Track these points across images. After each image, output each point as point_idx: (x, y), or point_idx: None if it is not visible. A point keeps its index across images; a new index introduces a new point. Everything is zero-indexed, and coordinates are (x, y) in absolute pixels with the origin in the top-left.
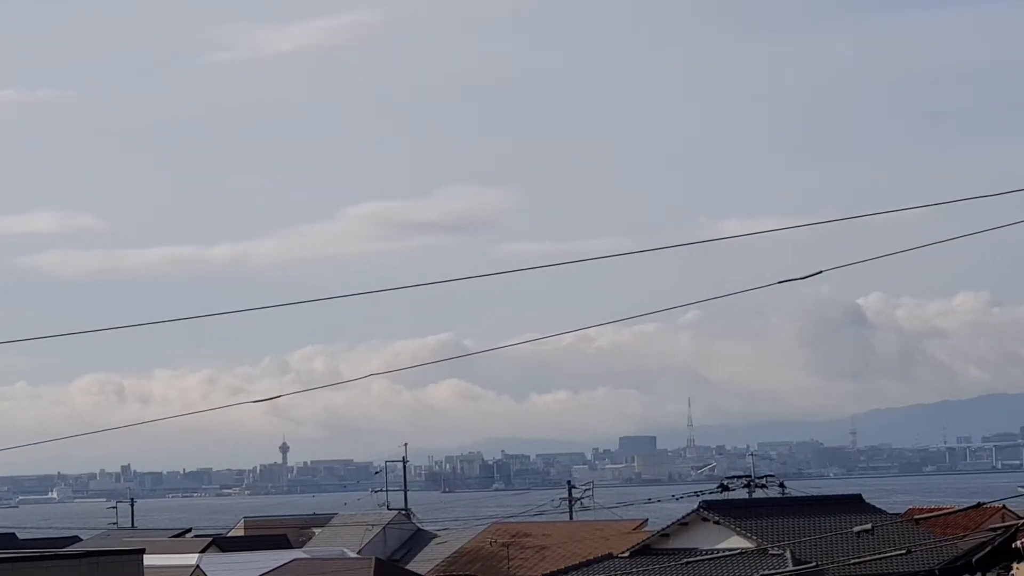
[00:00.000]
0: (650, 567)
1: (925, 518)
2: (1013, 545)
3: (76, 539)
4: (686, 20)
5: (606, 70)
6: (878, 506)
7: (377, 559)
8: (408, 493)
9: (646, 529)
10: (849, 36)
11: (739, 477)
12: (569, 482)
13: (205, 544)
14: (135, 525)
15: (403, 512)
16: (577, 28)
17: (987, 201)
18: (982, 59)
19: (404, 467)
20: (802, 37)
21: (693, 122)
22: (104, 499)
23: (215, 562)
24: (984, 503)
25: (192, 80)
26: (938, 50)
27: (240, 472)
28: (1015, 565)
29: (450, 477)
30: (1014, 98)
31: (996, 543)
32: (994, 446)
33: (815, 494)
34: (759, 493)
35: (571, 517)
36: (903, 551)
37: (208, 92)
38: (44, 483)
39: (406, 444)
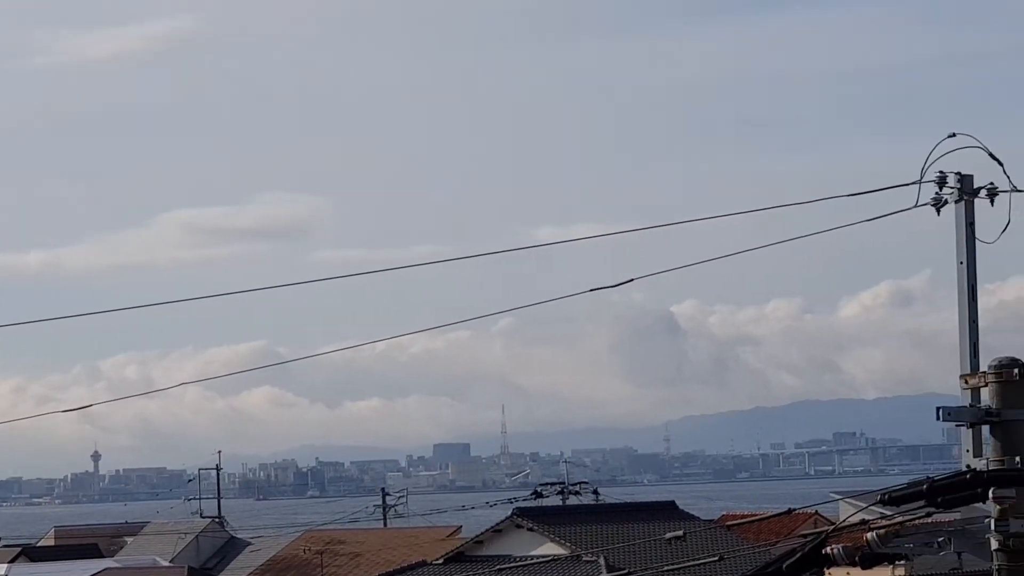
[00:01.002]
0: (464, 574)
1: (738, 524)
2: (824, 551)
3: None
4: (503, 26)
5: (423, 77)
6: (692, 512)
7: (189, 567)
8: (221, 501)
9: (460, 536)
10: (666, 42)
11: (553, 484)
12: (383, 489)
13: (14, 555)
14: None
15: (216, 520)
16: (394, 36)
17: (799, 208)
18: (799, 68)
19: (218, 475)
20: (618, 43)
21: (509, 128)
22: None
23: (24, 572)
24: (795, 509)
25: (4, 84)
26: (754, 57)
27: (51, 481)
28: (827, 571)
29: (264, 485)
30: (826, 108)
31: (807, 549)
32: (807, 452)
33: (629, 501)
34: (573, 500)
35: (385, 524)
36: (715, 557)
37: (21, 96)
38: None
39: (220, 452)
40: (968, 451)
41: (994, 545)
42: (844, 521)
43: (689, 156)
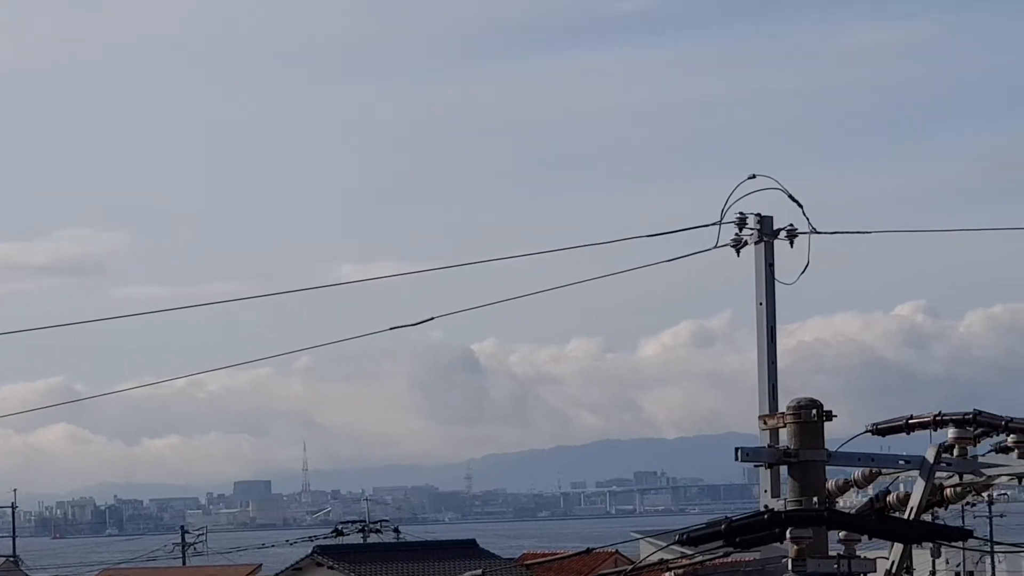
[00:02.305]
0: None
1: (537, 563)
2: None
3: None
4: (305, 61)
5: (224, 112)
6: (492, 551)
7: None
8: (17, 539)
9: (260, 574)
10: (464, 83)
11: (353, 522)
12: (182, 527)
13: None
14: None
15: (11, 559)
16: (192, 71)
17: (602, 248)
18: (589, 109)
19: (13, 513)
20: (419, 84)
21: (309, 165)
22: None
23: None
24: (593, 548)
25: None
26: (546, 98)
27: None
28: None
29: (61, 523)
30: (627, 148)
31: None
32: (608, 491)
33: (429, 539)
34: (374, 538)
35: (184, 562)
36: None
37: None
38: None
39: (15, 490)
40: (766, 491)
41: None
42: (644, 560)
43: (487, 196)
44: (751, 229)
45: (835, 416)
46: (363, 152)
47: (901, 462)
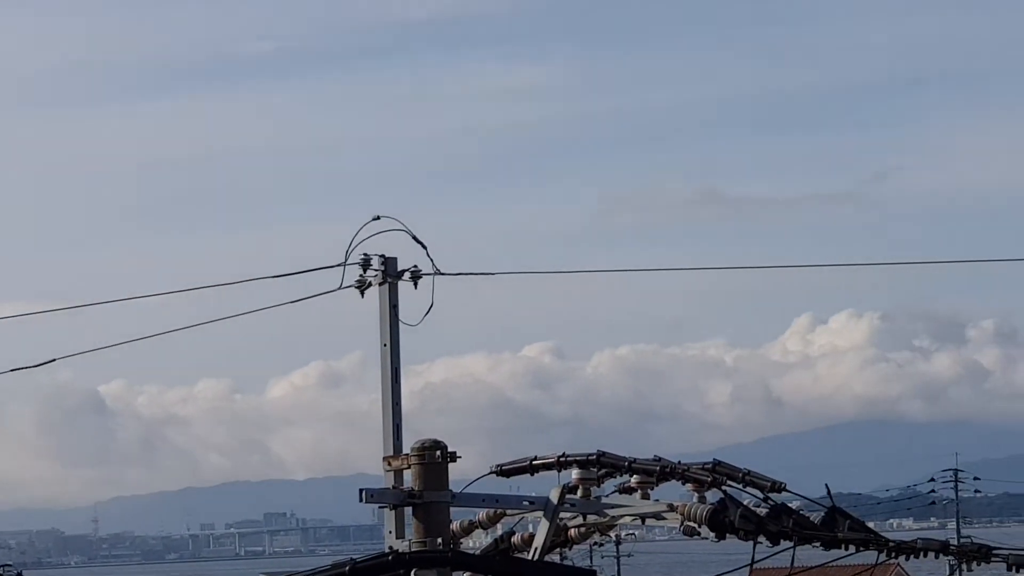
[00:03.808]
0: None
1: None
2: None
3: None
4: None
5: None
6: None
7: None
8: None
9: None
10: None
11: None
12: None
13: None
14: None
15: None
16: None
17: (231, 289)
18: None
19: None
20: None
21: None
22: None
23: None
24: None
25: None
26: (173, 137)
27: None
28: None
29: None
30: (252, 188)
31: None
32: (237, 533)
33: None
34: None
35: None
36: None
37: None
38: None
39: None
40: (391, 532)
41: None
42: None
43: (118, 235)
44: (375, 270)
45: (459, 457)
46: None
47: (526, 503)
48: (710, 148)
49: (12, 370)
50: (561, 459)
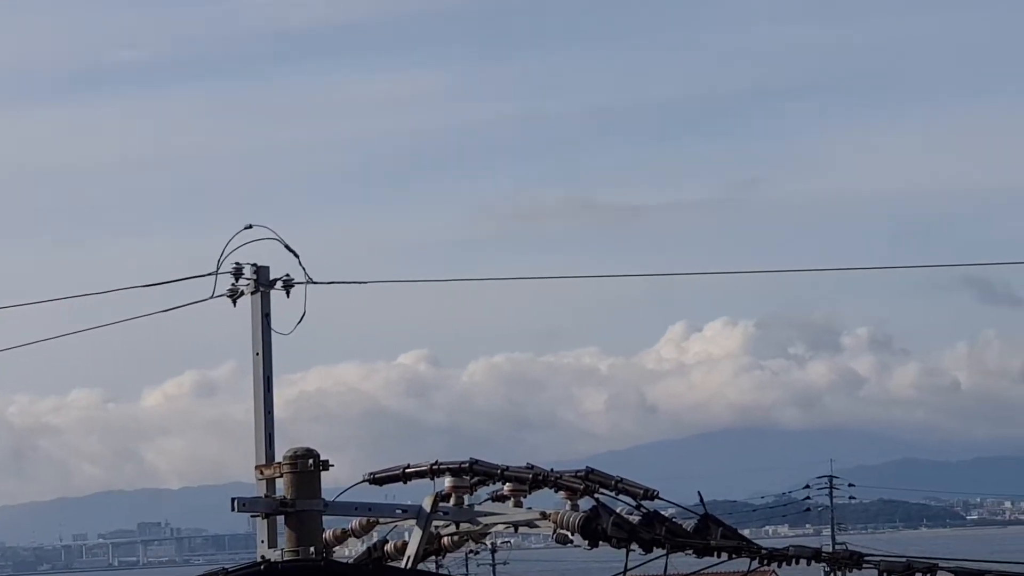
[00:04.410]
0: None
1: None
2: None
3: None
4: None
5: None
6: None
7: None
8: None
9: None
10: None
11: None
12: None
13: None
14: None
15: None
16: None
17: (103, 298)
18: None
19: None
20: None
21: None
22: None
23: None
24: None
25: None
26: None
27: None
28: None
29: None
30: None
31: None
32: (110, 543)
33: None
34: None
35: None
36: None
37: None
38: None
39: None
40: (263, 542)
41: None
42: None
43: None
44: (247, 279)
45: (332, 465)
46: None
47: (399, 511)
48: (584, 156)
49: None
50: (434, 467)
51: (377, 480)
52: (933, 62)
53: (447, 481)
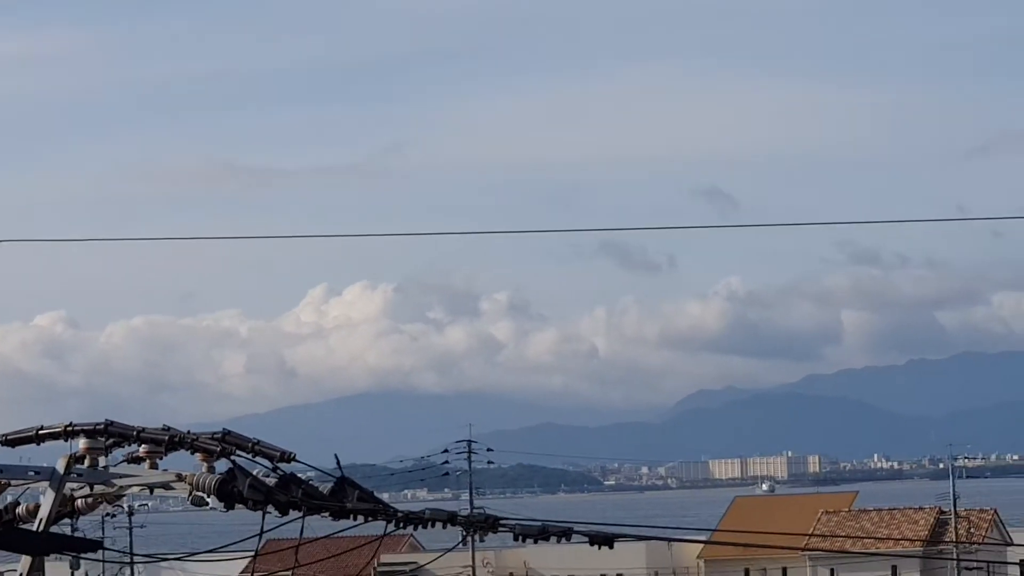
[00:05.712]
0: None
1: None
2: None
3: None
4: None
5: None
6: None
7: None
8: None
9: None
10: None
11: None
12: None
13: None
14: None
15: None
16: None
17: None
18: None
19: None
20: None
21: None
22: None
23: None
24: None
25: None
26: None
27: None
28: None
29: None
30: None
31: None
32: None
33: None
34: None
35: None
36: None
37: None
38: None
39: None
40: None
41: None
42: None
43: None
44: None
45: None
46: None
47: (31, 473)
48: (225, 120)
49: None
50: (68, 428)
51: (9, 442)
52: (578, 29)
53: (81, 443)
